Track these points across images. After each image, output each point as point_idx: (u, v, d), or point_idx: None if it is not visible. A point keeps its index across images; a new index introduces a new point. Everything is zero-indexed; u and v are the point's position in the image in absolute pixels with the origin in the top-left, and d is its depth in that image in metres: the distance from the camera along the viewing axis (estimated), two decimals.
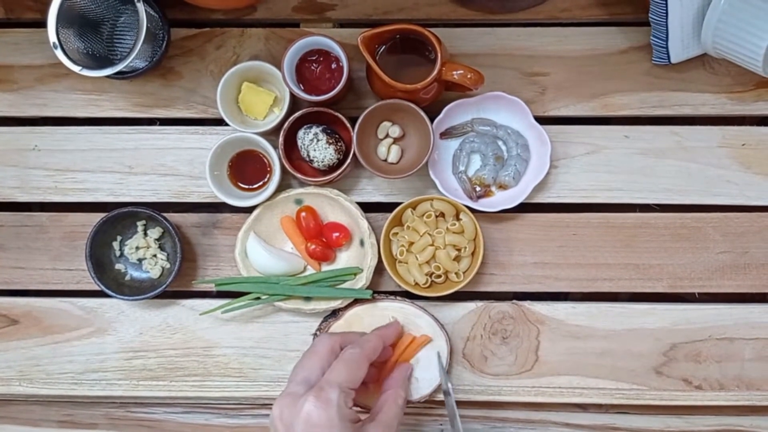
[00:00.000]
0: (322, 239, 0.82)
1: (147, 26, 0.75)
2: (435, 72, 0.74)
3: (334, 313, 0.82)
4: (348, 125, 0.79)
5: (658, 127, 0.84)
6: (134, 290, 0.82)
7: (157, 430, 0.86)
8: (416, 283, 0.80)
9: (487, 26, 0.84)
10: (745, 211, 0.83)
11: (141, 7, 0.74)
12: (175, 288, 0.83)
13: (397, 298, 0.81)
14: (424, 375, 0.79)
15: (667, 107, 0.84)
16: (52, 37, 0.75)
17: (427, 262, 0.80)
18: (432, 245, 0.80)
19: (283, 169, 0.80)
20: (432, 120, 0.79)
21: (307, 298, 0.82)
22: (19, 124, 0.87)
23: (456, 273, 0.80)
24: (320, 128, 0.79)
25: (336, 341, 0.71)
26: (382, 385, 0.75)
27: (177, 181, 0.85)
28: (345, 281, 0.82)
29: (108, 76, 0.77)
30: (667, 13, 0.77)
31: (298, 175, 0.80)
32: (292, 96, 0.79)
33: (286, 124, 0.79)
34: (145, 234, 0.84)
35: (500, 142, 0.83)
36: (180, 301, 0.85)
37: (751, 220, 0.83)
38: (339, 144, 0.79)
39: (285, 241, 0.83)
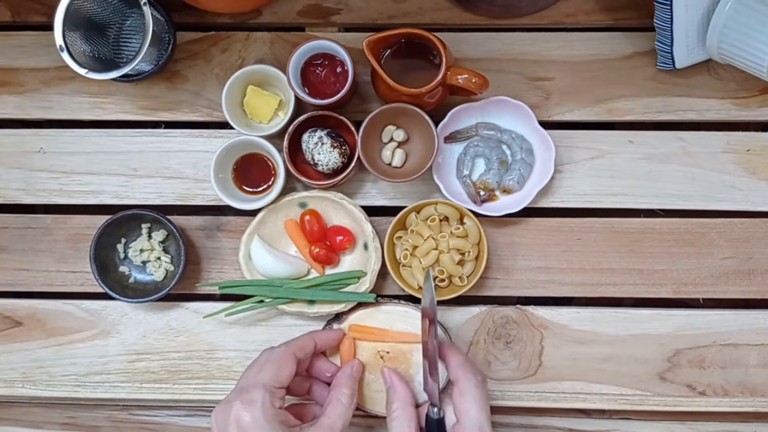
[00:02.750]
0: (325, 243, 0.82)
1: (153, 30, 0.75)
2: (440, 76, 0.74)
3: (338, 317, 0.82)
4: (352, 129, 0.80)
5: (663, 132, 0.84)
6: (138, 293, 0.82)
7: None
8: (420, 287, 0.80)
9: (491, 31, 0.85)
10: (749, 216, 0.83)
11: (147, 10, 0.75)
12: (178, 291, 0.83)
13: (401, 301, 0.81)
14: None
15: (672, 112, 0.84)
16: (59, 40, 0.75)
17: (431, 266, 0.80)
18: (436, 249, 0.80)
19: (288, 173, 0.80)
20: (436, 124, 0.79)
21: (311, 302, 0.82)
22: (24, 126, 0.87)
23: (460, 277, 0.80)
24: (325, 132, 0.79)
25: (290, 348, 0.72)
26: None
27: (181, 183, 0.85)
28: (348, 285, 0.82)
29: (114, 79, 0.77)
30: (672, 18, 0.77)
31: (303, 179, 0.80)
32: (297, 99, 0.79)
33: (290, 128, 0.80)
34: (150, 236, 0.84)
35: (504, 147, 0.83)
36: (183, 303, 0.85)
37: (756, 226, 0.83)
38: (343, 147, 0.79)
39: (289, 244, 0.83)
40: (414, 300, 0.81)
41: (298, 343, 0.73)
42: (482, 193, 0.82)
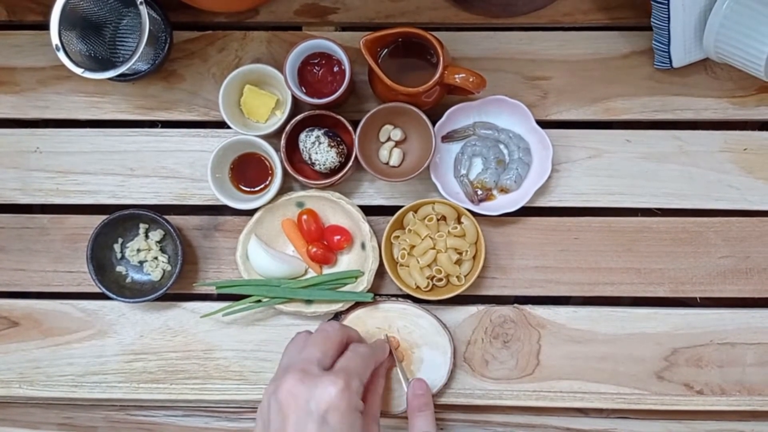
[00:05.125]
0: (323, 242, 0.82)
1: (149, 29, 0.75)
2: (437, 75, 0.74)
3: (336, 317, 0.82)
4: (350, 128, 0.79)
5: (660, 131, 0.84)
6: (135, 292, 0.82)
7: None
8: (417, 287, 0.80)
9: (489, 30, 0.85)
10: (746, 215, 0.83)
11: (143, 9, 0.74)
12: (176, 290, 0.83)
13: (399, 299, 0.81)
14: (429, 376, 0.79)
15: (669, 111, 0.84)
16: (55, 40, 0.75)
17: (429, 266, 0.80)
18: (433, 248, 0.80)
19: (285, 172, 0.80)
20: (434, 123, 0.79)
21: (308, 301, 0.81)
22: (20, 126, 0.86)
23: (457, 276, 0.80)
24: (322, 131, 0.79)
25: (346, 334, 0.72)
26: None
27: (178, 183, 0.85)
28: (346, 284, 0.82)
29: (110, 79, 0.77)
30: (669, 17, 0.77)
31: (300, 178, 0.80)
32: (294, 99, 0.79)
33: (288, 127, 0.79)
34: (147, 236, 0.83)
35: (502, 146, 0.83)
36: (181, 303, 0.84)
37: (753, 225, 0.83)
38: (341, 147, 0.79)
39: (286, 244, 0.83)
40: (411, 299, 0.81)
41: (381, 355, 0.74)
42: (480, 192, 0.82)
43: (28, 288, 0.86)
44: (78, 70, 0.76)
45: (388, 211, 0.83)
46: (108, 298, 0.81)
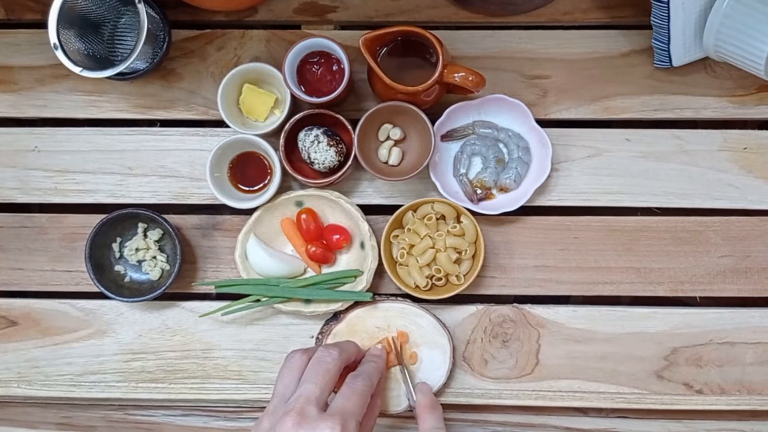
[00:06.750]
0: (322, 241, 0.82)
1: (148, 27, 0.75)
2: (436, 74, 0.74)
3: (335, 317, 0.82)
4: (349, 127, 0.79)
5: (660, 130, 0.84)
6: (134, 292, 0.82)
7: None
8: (416, 286, 0.80)
9: (488, 29, 0.84)
10: (746, 215, 0.83)
11: (142, 8, 0.74)
12: (174, 290, 0.83)
13: (398, 299, 0.81)
14: (428, 376, 0.79)
15: (669, 110, 0.83)
16: (53, 38, 0.75)
17: (428, 265, 0.80)
18: (432, 248, 0.80)
19: (284, 171, 0.80)
20: (433, 122, 0.79)
21: (307, 301, 0.81)
22: (19, 125, 0.86)
23: (456, 276, 0.80)
24: (321, 130, 0.79)
25: (344, 361, 0.71)
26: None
27: (177, 182, 0.85)
28: (345, 284, 0.81)
29: (108, 78, 0.77)
30: (669, 16, 0.77)
31: (299, 177, 0.80)
32: (293, 98, 0.79)
33: (287, 126, 0.79)
34: (145, 236, 0.83)
35: (501, 145, 0.83)
36: (179, 303, 0.84)
37: (753, 224, 0.83)
38: (340, 146, 0.79)
39: (285, 243, 0.83)
40: (410, 299, 0.81)
41: (375, 382, 0.72)
42: (479, 191, 0.82)
43: (27, 287, 0.85)
44: (76, 69, 0.75)
45: (387, 210, 0.82)
46: (106, 297, 0.81)
